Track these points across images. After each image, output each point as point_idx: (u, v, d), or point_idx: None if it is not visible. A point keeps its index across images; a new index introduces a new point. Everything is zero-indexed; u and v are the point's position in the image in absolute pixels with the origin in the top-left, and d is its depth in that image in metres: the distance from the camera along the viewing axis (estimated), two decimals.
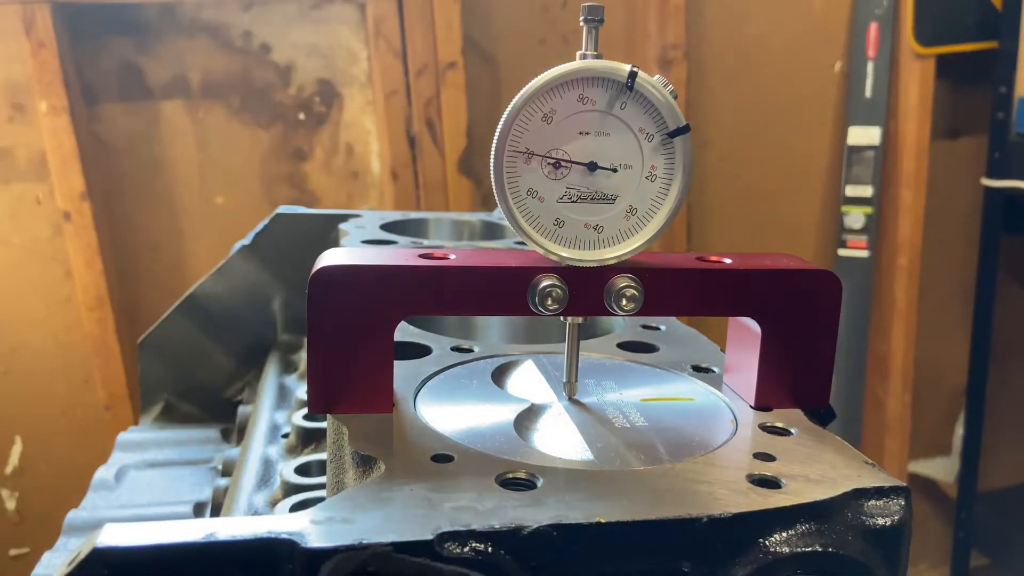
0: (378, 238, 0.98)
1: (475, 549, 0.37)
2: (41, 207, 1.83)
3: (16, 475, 1.93)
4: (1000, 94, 2.07)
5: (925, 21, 2.06)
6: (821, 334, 0.52)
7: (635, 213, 0.50)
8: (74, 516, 0.83)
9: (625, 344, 0.65)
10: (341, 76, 1.92)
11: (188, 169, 1.89)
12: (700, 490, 0.42)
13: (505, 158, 0.48)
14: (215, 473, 0.93)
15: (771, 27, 2.10)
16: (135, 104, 1.85)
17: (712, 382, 0.57)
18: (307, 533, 0.36)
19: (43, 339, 1.88)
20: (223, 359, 1.14)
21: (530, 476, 0.43)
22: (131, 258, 1.91)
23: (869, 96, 2.11)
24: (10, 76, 1.75)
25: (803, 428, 0.50)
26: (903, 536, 0.42)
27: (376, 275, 0.48)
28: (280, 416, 0.87)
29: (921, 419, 2.32)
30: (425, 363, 0.59)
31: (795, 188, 2.22)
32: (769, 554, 0.40)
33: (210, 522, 0.36)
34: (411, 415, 0.50)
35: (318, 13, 1.88)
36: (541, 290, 0.49)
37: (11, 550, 1.96)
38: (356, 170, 1.97)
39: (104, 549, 0.34)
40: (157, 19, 1.81)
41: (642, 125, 0.49)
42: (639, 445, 0.48)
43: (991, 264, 2.15)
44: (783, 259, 0.53)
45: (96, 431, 1.89)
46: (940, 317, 2.33)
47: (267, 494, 0.71)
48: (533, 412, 0.52)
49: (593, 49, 0.49)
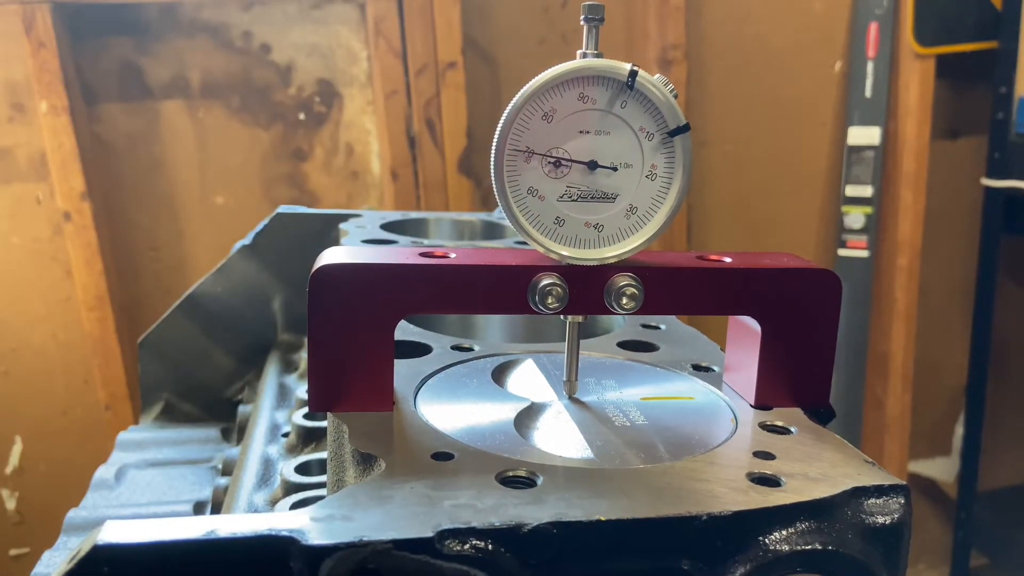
0: (378, 238, 0.98)
1: (475, 547, 0.37)
2: (41, 207, 1.83)
3: (16, 475, 1.93)
4: (1000, 94, 2.07)
5: (925, 21, 2.06)
6: (821, 333, 0.52)
7: (635, 212, 0.50)
8: (74, 515, 0.83)
9: (625, 343, 0.65)
10: (341, 76, 1.92)
11: (188, 169, 1.89)
12: (700, 488, 0.42)
13: (505, 157, 0.48)
14: (215, 472, 0.93)
15: (771, 27, 2.10)
16: (135, 104, 1.85)
17: (712, 381, 0.57)
18: (308, 530, 0.36)
19: (43, 339, 1.88)
20: (223, 359, 1.14)
21: (530, 474, 0.43)
22: (131, 258, 1.91)
23: (869, 96, 2.12)
24: (10, 76, 1.75)
25: (803, 427, 0.50)
26: (903, 535, 0.42)
27: (376, 274, 0.48)
28: (280, 415, 0.88)
29: (921, 419, 2.32)
30: (425, 362, 0.59)
31: (795, 188, 2.22)
32: (769, 552, 0.40)
33: (211, 519, 0.36)
34: (411, 413, 0.50)
35: (318, 13, 1.88)
36: (541, 289, 0.49)
37: (11, 550, 1.96)
38: (356, 170, 1.97)
39: (105, 546, 0.34)
40: (157, 19, 1.81)
41: (642, 124, 0.49)
42: (639, 443, 0.48)
43: (991, 264, 2.15)
44: (783, 258, 0.53)
45: (96, 431, 1.90)
46: (940, 317, 2.33)
47: (267, 493, 0.71)
48: (533, 411, 0.52)
49: (594, 48, 0.49)
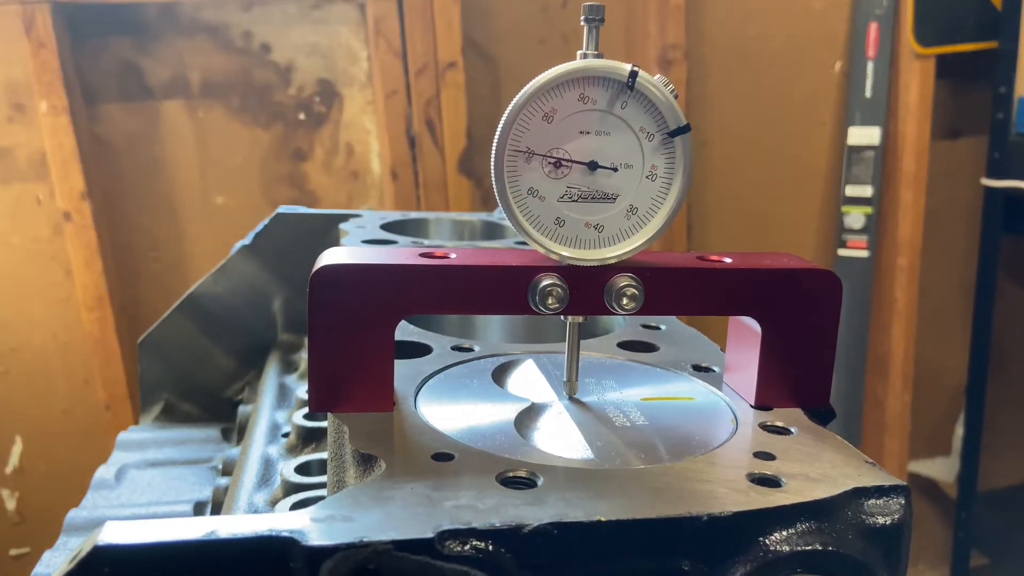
0: (378, 238, 0.98)
1: (476, 547, 0.37)
2: (41, 207, 1.83)
3: (16, 475, 1.93)
4: (1000, 94, 2.07)
5: (925, 21, 2.06)
6: (821, 334, 0.52)
7: (635, 212, 0.50)
8: (74, 515, 0.83)
9: (625, 343, 0.65)
10: (341, 76, 1.92)
11: (188, 169, 1.89)
12: (700, 489, 0.42)
13: (506, 157, 0.48)
14: (215, 472, 0.93)
15: (771, 27, 2.10)
16: (135, 104, 1.85)
17: (712, 381, 0.57)
18: (308, 531, 0.36)
19: (43, 339, 1.88)
20: (223, 359, 1.14)
21: (531, 475, 0.43)
22: (131, 258, 1.91)
23: (869, 96, 2.11)
24: (10, 76, 1.75)
25: (803, 427, 0.50)
26: (903, 535, 0.42)
27: (377, 274, 0.48)
28: (280, 415, 0.88)
29: (921, 419, 2.32)
30: (425, 362, 0.59)
31: (795, 188, 2.22)
32: (769, 553, 0.40)
33: (211, 520, 0.36)
34: (412, 414, 0.50)
35: (318, 13, 1.88)
36: (542, 289, 0.49)
37: (11, 550, 1.96)
38: (356, 170, 1.97)
39: (105, 547, 0.34)
40: (157, 19, 1.81)
41: (643, 124, 0.49)
42: (639, 444, 0.48)
43: (991, 264, 2.15)
44: (783, 259, 0.53)
45: (96, 431, 1.90)
46: (940, 317, 2.33)
47: (267, 493, 0.71)
48: (533, 411, 0.52)
49: (594, 48, 0.49)
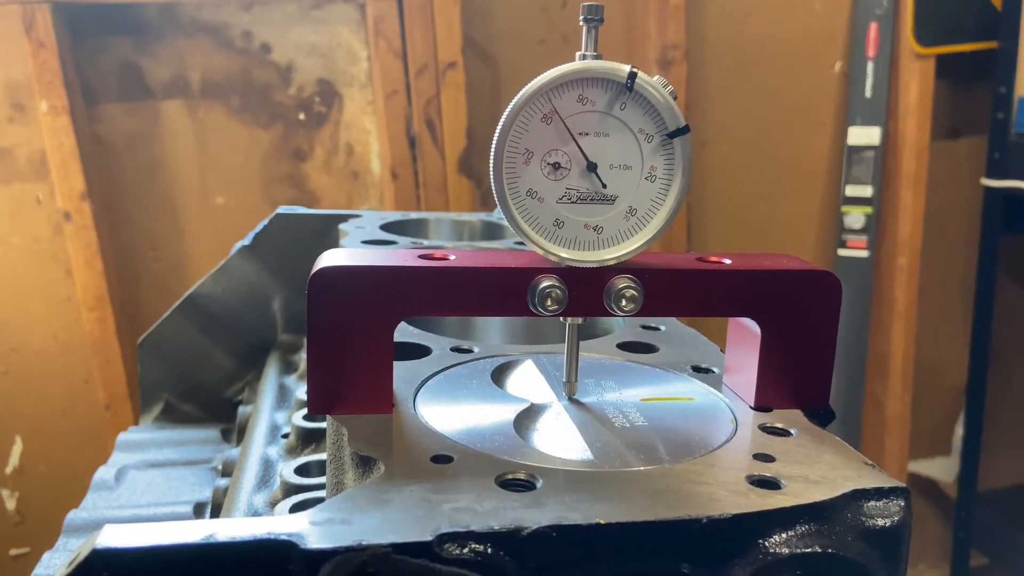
0: (378, 238, 0.98)
1: (474, 550, 0.37)
2: (41, 207, 1.83)
3: (16, 475, 1.94)
4: (1000, 94, 2.07)
5: (925, 21, 2.06)
6: (821, 334, 0.52)
7: (635, 214, 0.50)
8: (74, 516, 0.83)
9: (625, 344, 0.65)
10: (341, 76, 1.92)
11: (188, 169, 1.89)
12: (699, 491, 0.42)
13: (505, 158, 0.48)
14: (215, 473, 0.93)
15: (771, 27, 2.10)
16: (135, 104, 1.85)
17: (712, 382, 0.57)
18: (306, 534, 0.36)
19: (43, 339, 1.88)
20: (223, 359, 1.13)
21: (530, 477, 0.43)
22: (131, 258, 1.91)
23: (869, 96, 2.11)
24: (10, 76, 1.75)
25: (803, 429, 0.50)
26: (903, 537, 0.42)
27: (376, 276, 0.48)
28: (280, 416, 0.87)
29: (921, 419, 2.32)
30: (425, 363, 0.59)
31: (795, 188, 2.22)
32: (769, 555, 0.40)
33: (209, 523, 0.36)
34: (411, 415, 0.50)
35: (318, 13, 1.88)
36: (541, 291, 0.49)
37: (11, 550, 1.96)
38: (356, 170, 1.97)
39: (104, 550, 0.34)
40: (157, 19, 1.81)
41: (642, 126, 0.49)
42: (639, 445, 0.48)
43: (991, 264, 2.15)
44: (783, 259, 0.53)
45: (96, 431, 1.90)
46: (940, 317, 2.32)
47: (267, 494, 0.71)
48: (533, 412, 0.52)
49: (593, 49, 0.48)
